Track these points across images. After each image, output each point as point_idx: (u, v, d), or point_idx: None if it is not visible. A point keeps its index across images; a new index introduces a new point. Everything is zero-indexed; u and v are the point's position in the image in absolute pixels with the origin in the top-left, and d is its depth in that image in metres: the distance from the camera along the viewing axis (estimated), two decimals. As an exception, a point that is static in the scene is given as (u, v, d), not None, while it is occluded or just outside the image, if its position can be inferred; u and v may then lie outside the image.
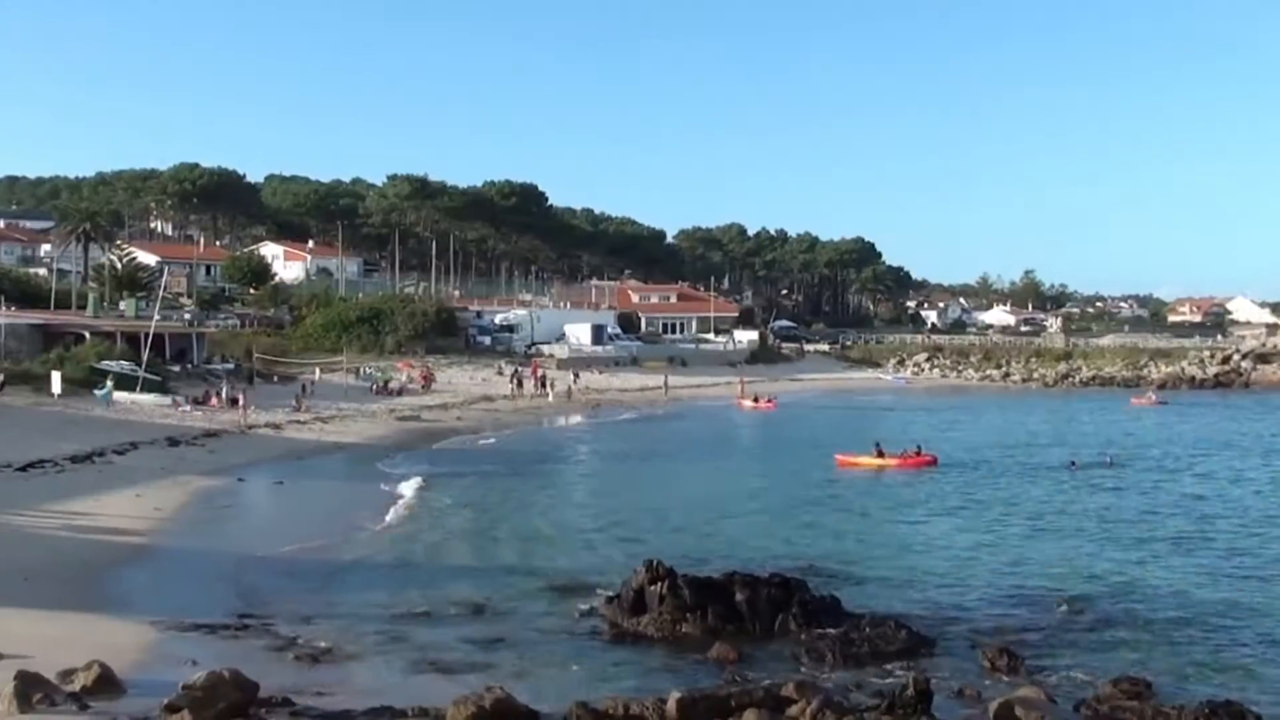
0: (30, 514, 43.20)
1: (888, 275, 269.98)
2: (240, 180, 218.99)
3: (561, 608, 32.72)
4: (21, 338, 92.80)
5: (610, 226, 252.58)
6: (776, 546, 43.19)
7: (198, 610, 30.63)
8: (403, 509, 50.85)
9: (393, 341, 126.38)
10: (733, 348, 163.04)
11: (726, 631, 29.27)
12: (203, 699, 20.56)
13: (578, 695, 22.93)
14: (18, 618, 28.01)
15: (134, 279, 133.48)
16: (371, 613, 31.79)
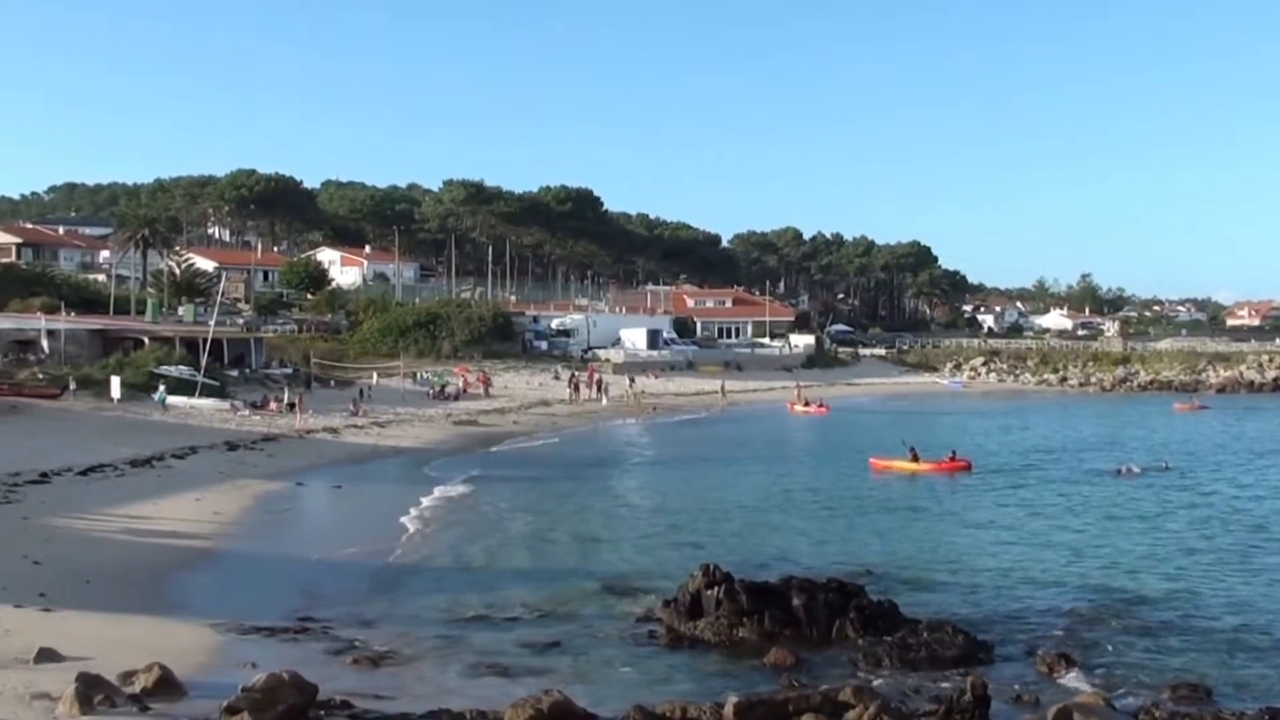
0: (91, 517, 43.51)
1: (944, 279, 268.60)
2: (297, 186, 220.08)
3: (618, 611, 32.73)
4: (81, 343, 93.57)
5: (665, 231, 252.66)
6: (831, 550, 43.11)
7: (257, 613, 30.79)
8: (460, 512, 50.95)
9: (449, 346, 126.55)
10: (788, 352, 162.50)
11: (783, 636, 29.13)
12: (262, 701, 20.61)
13: (634, 698, 22.90)
14: (79, 620, 28.21)
15: (192, 284, 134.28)
16: (430, 616, 31.90)
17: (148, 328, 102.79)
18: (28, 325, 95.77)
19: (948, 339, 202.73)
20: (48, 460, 54.60)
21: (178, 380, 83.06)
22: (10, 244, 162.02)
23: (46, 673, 23.05)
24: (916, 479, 63.99)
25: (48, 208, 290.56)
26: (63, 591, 30.93)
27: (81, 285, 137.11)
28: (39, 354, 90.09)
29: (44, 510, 43.72)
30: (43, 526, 40.68)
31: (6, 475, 49.80)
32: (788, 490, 60.28)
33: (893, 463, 67.48)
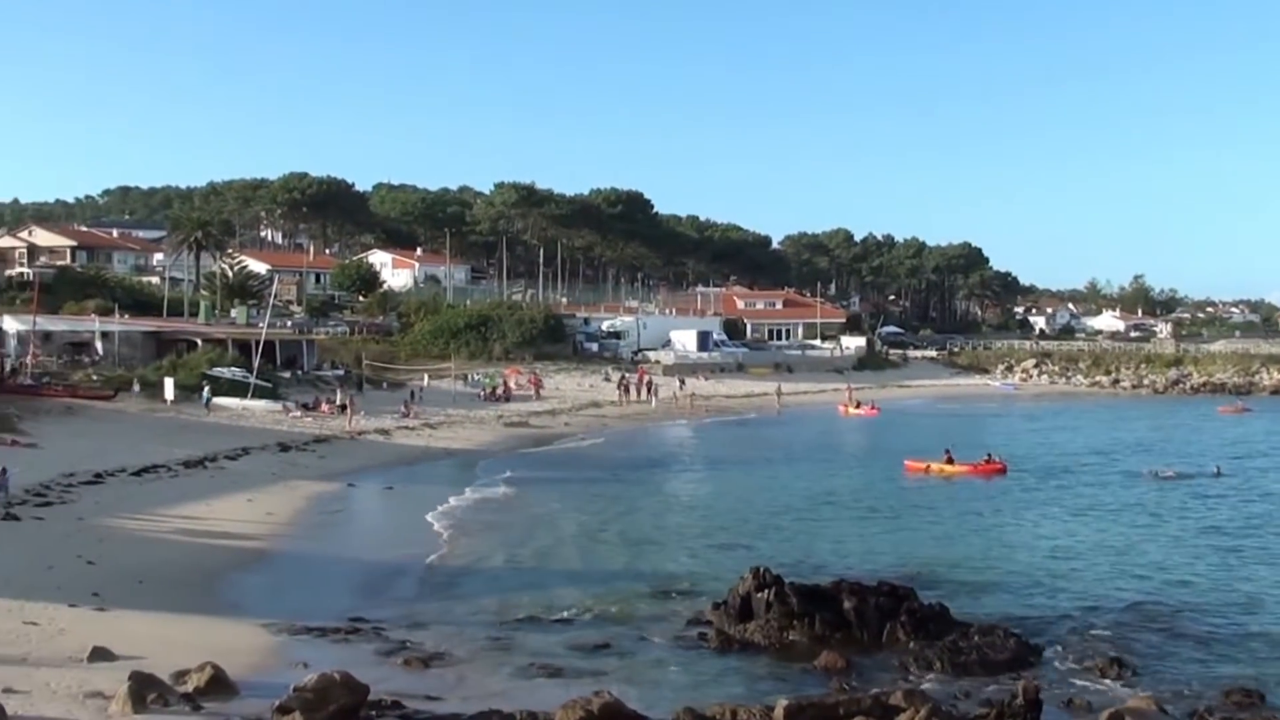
0: (144, 518, 43.80)
1: (995, 281, 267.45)
2: (349, 189, 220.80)
3: (668, 613, 32.69)
4: (135, 345, 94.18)
5: (716, 233, 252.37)
6: (880, 553, 42.97)
7: (309, 613, 30.92)
8: (511, 514, 51.06)
9: (500, 348, 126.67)
10: (839, 354, 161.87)
11: (834, 639, 29.03)
12: (314, 701, 20.70)
13: (684, 701, 22.92)
14: (132, 619, 28.39)
15: (245, 287, 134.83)
16: (481, 617, 31.97)
17: (201, 329, 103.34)
18: (82, 327, 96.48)
19: (999, 341, 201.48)
20: (102, 461, 55.00)
21: (230, 382, 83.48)
22: (65, 247, 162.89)
23: (100, 671, 23.22)
24: (955, 481, 63.78)
25: (102, 211, 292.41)
26: (116, 591, 31.15)
27: (135, 287, 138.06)
28: (93, 356, 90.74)
29: (98, 511, 44.03)
30: (97, 527, 40.97)
31: (61, 476, 50.18)
32: (837, 492, 60.18)
33: (927, 465, 67.34)
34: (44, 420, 65.67)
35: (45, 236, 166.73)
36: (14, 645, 25.17)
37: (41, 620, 27.36)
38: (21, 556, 34.82)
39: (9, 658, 24.05)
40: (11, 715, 19.77)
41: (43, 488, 47.20)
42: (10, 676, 22.31)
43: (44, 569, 33.36)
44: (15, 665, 23.45)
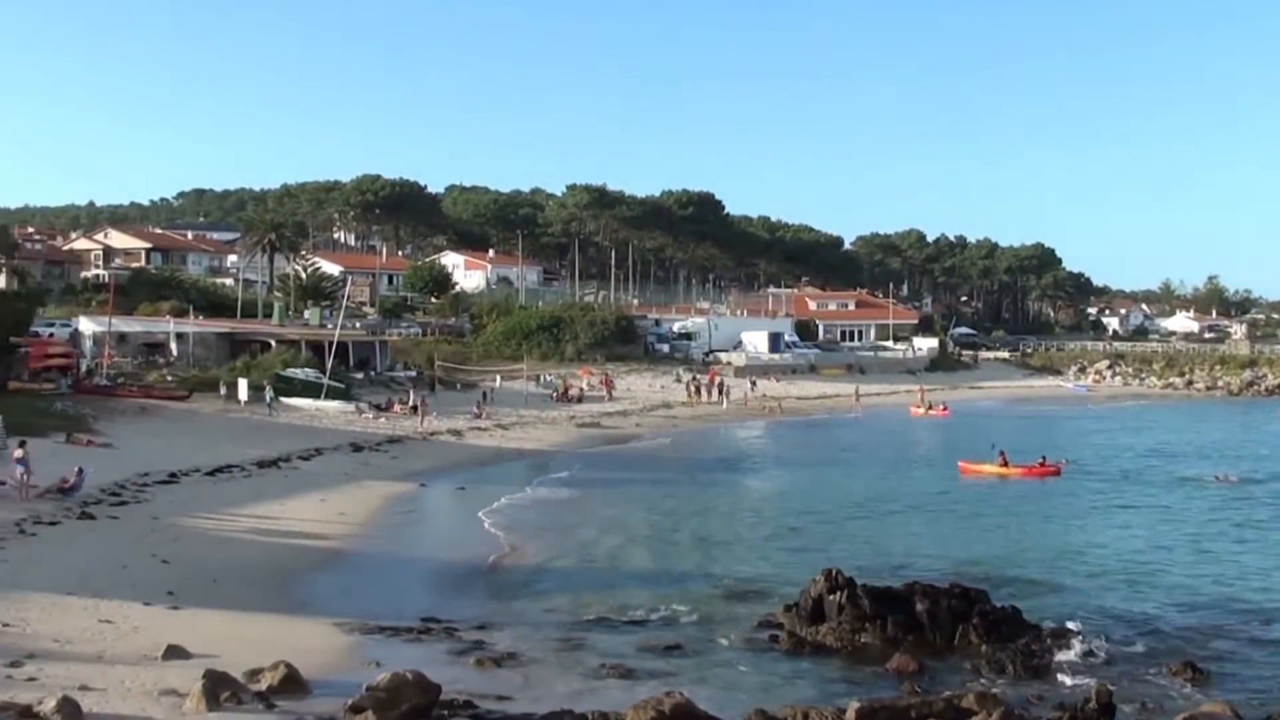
0: (218, 517, 44.09)
1: (1068, 281, 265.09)
2: (421, 191, 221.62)
3: (739, 615, 32.58)
4: (209, 346, 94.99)
5: (787, 234, 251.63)
6: (951, 554, 42.68)
7: (382, 613, 31.03)
8: (583, 514, 51.10)
9: (573, 349, 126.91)
10: (911, 355, 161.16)
11: (906, 642, 28.91)
12: (386, 700, 20.73)
13: (756, 703, 22.84)
14: (206, 618, 28.58)
15: (318, 288, 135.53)
16: (552, 617, 32.00)
17: (274, 331, 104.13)
18: (157, 328, 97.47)
19: (1072, 342, 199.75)
20: (176, 461, 55.44)
21: (304, 383, 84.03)
22: (140, 249, 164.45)
23: (174, 669, 23.38)
24: (1023, 483, 63.38)
25: (177, 213, 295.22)
26: (190, 590, 31.37)
27: (209, 289, 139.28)
28: (168, 357, 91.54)
29: (172, 510, 44.34)
30: (171, 526, 41.25)
31: (136, 475, 50.58)
32: (908, 493, 59.95)
33: (982, 467, 66.97)
34: (119, 420, 66.26)
35: (121, 239, 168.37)
36: (89, 643, 25.41)
37: (116, 618, 27.60)
38: (97, 555, 35.14)
39: (84, 655, 24.28)
40: (87, 712, 19.90)
41: (118, 487, 47.61)
42: (86, 674, 22.52)
43: (119, 568, 33.66)
44: (91, 663, 23.66)
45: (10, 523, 38.54)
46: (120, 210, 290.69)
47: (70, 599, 29.24)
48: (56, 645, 24.98)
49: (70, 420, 63.26)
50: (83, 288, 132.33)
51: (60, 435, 57.94)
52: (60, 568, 32.79)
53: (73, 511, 41.77)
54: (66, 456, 51.03)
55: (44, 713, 19.42)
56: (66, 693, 20.34)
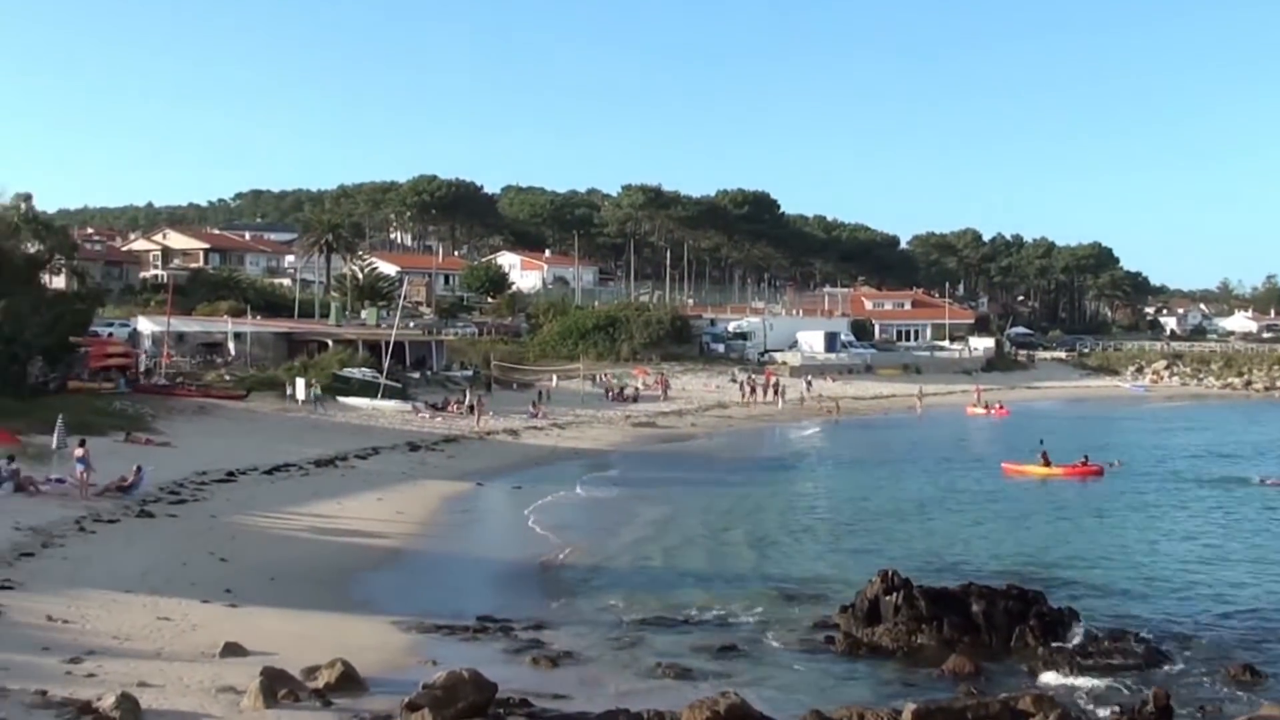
0: (276, 516, 44.38)
1: (1125, 281, 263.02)
2: (478, 191, 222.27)
3: (795, 616, 32.47)
4: (267, 345, 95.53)
5: (843, 233, 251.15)
6: (1007, 555, 42.57)
7: (438, 612, 31.13)
8: (637, 514, 51.04)
9: (628, 349, 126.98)
10: (968, 355, 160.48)
11: (962, 643, 28.74)
12: (443, 698, 20.76)
13: (811, 704, 22.82)
14: (264, 616, 28.75)
15: (374, 288, 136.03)
16: (608, 617, 31.99)
17: (331, 330, 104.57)
18: (215, 328, 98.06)
19: (1129, 342, 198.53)
20: (234, 459, 55.76)
21: (360, 382, 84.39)
22: (198, 249, 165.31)
23: (232, 667, 23.51)
24: (1079, 483, 63.07)
25: (234, 214, 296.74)
26: (248, 588, 31.59)
27: (267, 289, 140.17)
28: (226, 356, 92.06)
29: (230, 508, 44.67)
30: (229, 524, 41.55)
31: (194, 474, 50.95)
32: (962, 493, 59.76)
33: (1024, 467, 66.84)
34: (177, 420, 66.70)
35: (179, 239, 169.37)
36: (148, 640, 25.60)
37: (175, 616, 27.80)
38: (156, 553, 35.43)
39: (143, 652, 24.46)
40: (146, 709, 20.04)
41: (176, 486, 48.02)
42: (145, 671, 22.68)
43: (178, 565, 33.92)
44: (149, 660, 23.84)
45: (70, 520, 38.92)
46: (178, 211, 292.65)
47: (129, 596, 29.51)
48: (116, 642, 25.18)
49: (129, 419, 63.74)
50: (141, 288, 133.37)
51: (119, 434, 58.41)
52: (119, 565, 33.10)
53: (132, 510, 42.15)
54: (125, 455, 51.49)
55: (103, 709, 19.56)
56: (125, 689, 20.53)
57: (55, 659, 23.29)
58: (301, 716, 20.88)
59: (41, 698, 20.39)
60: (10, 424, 51.26)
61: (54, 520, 38.63)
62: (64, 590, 29.36)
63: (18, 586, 29.29)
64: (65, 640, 24.92)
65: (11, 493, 41.73)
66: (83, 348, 77.22)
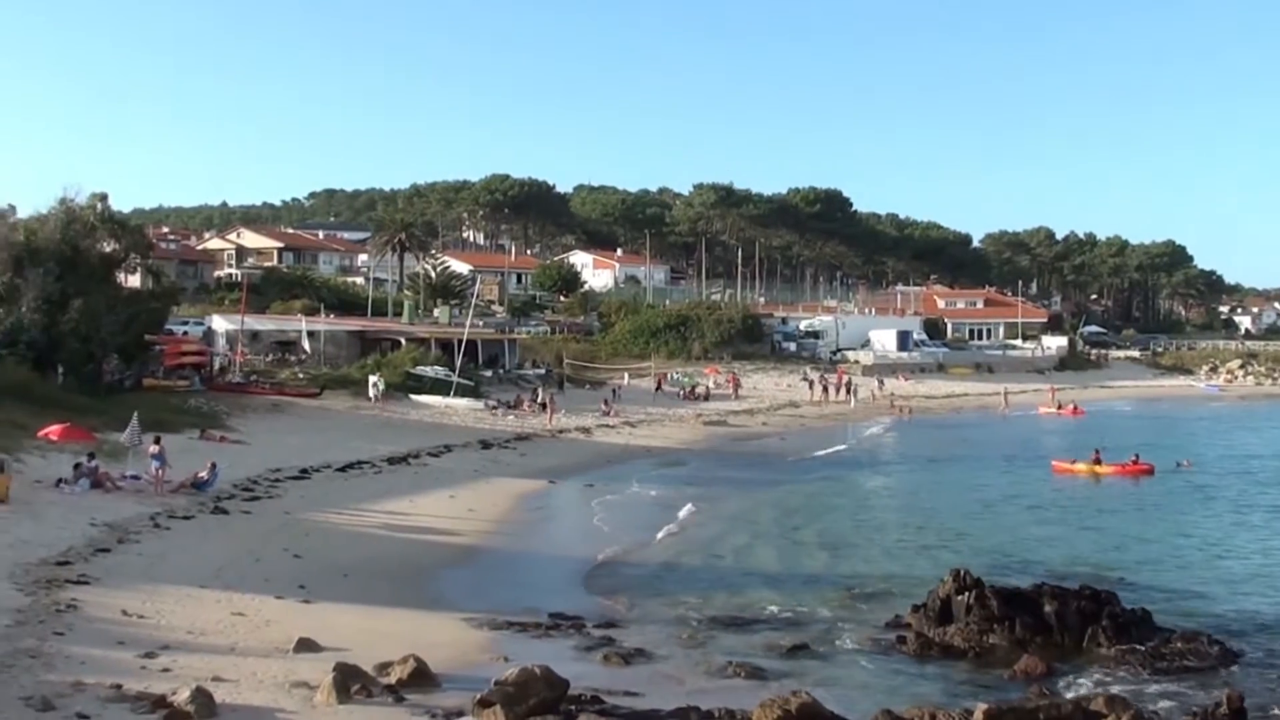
0: (349, 513, 44.55)
1: (1199, 279, 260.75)
2: (550, 190, 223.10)
3: (866, 615, 32.34)
4: (340, 344, 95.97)
5: (915, 231, 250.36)
6: (1079, 554, 42.29)
7: (510, 608, 31.20)
8: (710, 512, 50.98)
9: (699, 348, 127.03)
10: (1040, 354, 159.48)
11: (1034, 643, 28.57)
12: (514, 694, 20.77)
13: (882, 703, 22.71)
14: (337, 612, 28.89)
15: (447, 287, 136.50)
16: (680, 615, 31.93)
17: (404, 329, 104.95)
18: (289, 327, 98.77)
19: (1203, 341, 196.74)
20: (307, 457, 56.09)
21: (434, 380, 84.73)
22: (272, 248, 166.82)
23: (305, 662, 23.64)
24: (1147, 482, 62.70)
25: (308, 213, 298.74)
26: (321, 584, 31.76)
27: (340, 288, 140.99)
28: (299, 354, 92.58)
29: (304, 505, 44.93)
30: (303, 521, 41.77)
31: (268, 471, 51.27)
32: (1034, 493, 59.44)
33: (1074, 465, 66.73)
34: (251, 417, 67.14)
35: (253, 238, 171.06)
36: (222, 635, 25.77)
37: (249, 611, 27.98)
38: (230, 549, 35.66)
39: (217, 647, 24.61)
40: (220, 703, 20.17)
41: (250, 483, 48.37)
42: (219, 665, 22.84)
43: (252, 562, 34.15)
44: (223, 654, 23.99)
45: (145, 517, 39.23)
46: (253, 210, 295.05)
47: (204, 591, 29.73)
48: (190, 637, 25.36)
49: (203, 417, 64.19)
50: (216, 287, 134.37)
51: (194, 431, 58.79)
52: (194, 561, 33.34)
53: (206, 506, 42.45)
54: (200, 452, 51.86)
55: (178, 703, 19.70)
56: (200, 683, 20.66)
57: (130, 653, 23.48)
58: (374, 712, 20.98)
59: (117, 691, 20.57)
60: (87, 421, 51.67)
61: (129, 517, 38.98)
62: (139, 585, 29.60)
63: (94, 582, 29.52)
64: (140, 635, 25.12)
65: (88, 489, 42.09)
66: (158, 346, 77.95)
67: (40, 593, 27.74)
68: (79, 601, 27.32)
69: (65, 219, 68.40)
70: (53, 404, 55.65)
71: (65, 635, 24.28)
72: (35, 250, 65.60)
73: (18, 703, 19.47)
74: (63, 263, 65.85)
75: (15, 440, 46.96)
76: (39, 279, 64.20)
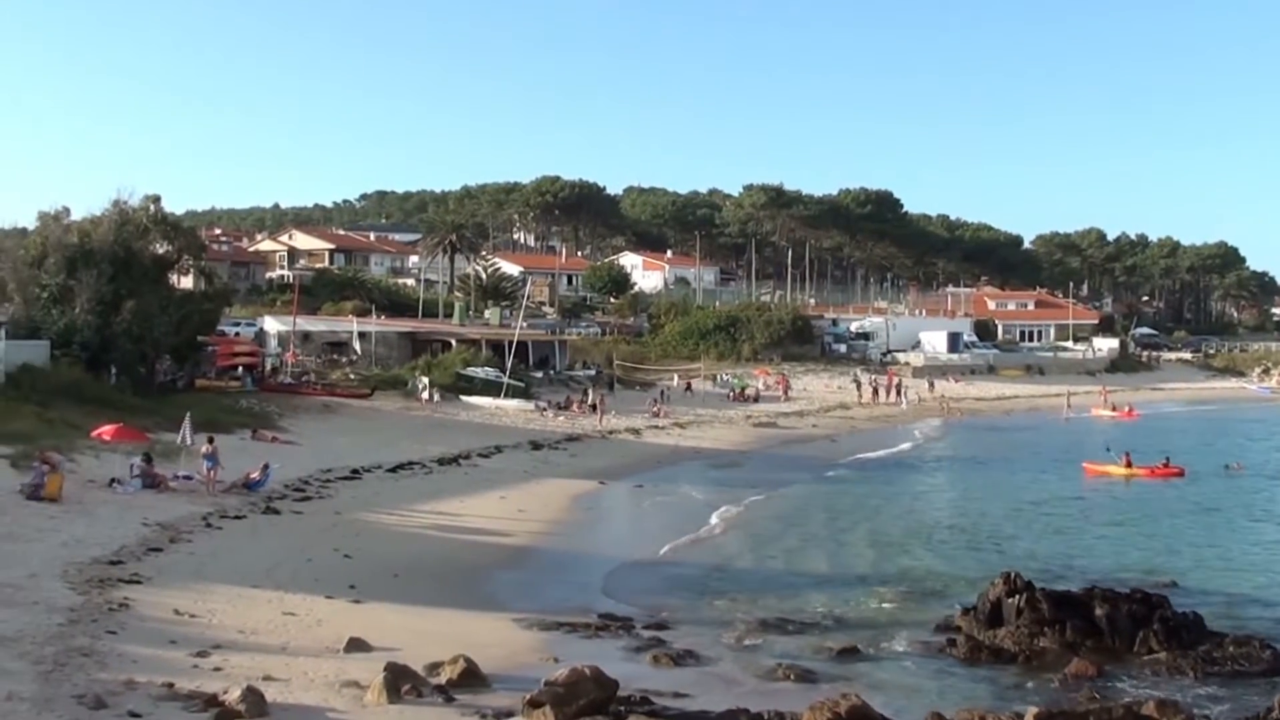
0: (400, 513, 44.72)
1: (1251, 280, 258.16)
2: (600, 192, 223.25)
3: (916, 618, 32.27)
4: (391, 345, 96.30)
5: (966, 232, 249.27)
6: (1129, 557, 42.15)
7: (560, 609, 31.30)
8: (759, 513, 50.97)
9: (749, 349, 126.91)
10: (1091, 356, 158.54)
11: (1085, 647, 28.44)
12: (564, 695, 20.78)
13: (932, 706, 22.68)
14: (388, 612, 28.99)
15: (498, 288, 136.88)
16: (729, 616, 31.91)
17: (455, 330, 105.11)
18: (340, 328, 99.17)
19: (1255, 342, 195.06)
20: (358, 457, 56.29)
21: (484, 381, 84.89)
22: (324, 250, 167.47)
23: (356, 662, 23.73)
24: (1185, 485, 62.25)
25: (359, 215, 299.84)
26: (372, 584, 31.86)
27: (391, 289, 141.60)
28: (350, 355, 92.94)
29: (355, 506, 45.12)
30: (353, 522, 41.93)
31: (319, 471, 51.50)
32: (1085, 495, 59.30)
33: (1106, 467, 66.55)
34: (302, 418, 67.42)
35: (305, 240, 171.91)
36: (273, 634, 25.90)
37: (300, 611, 28.11)
38: (281, 549, 35.84)
39: (269, 646, 24.74)
40: (271, 702, 20.25)
41: (301, 483, 48.62)
42: (270, 665, 22.96)
43: (303, 562, 34.29)
44: (274, 654, 24.11)
45: (197, 516, 39.50)
46: (304, 212, 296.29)
47: (255, 591, 29.89)
48: (241, 636, 25.50)
49: (255, 417, 64.49)
50: (268, 288, 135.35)
51: (245, 432, 59.11)
52: (245, 560, 33.55)
53: (258, 506, 42.71)
54: (252, 453, 52.18)
55: (229, 702, 19.79)
56: (251, 682, 20.76)
57: (182, 652, 23.63)
58: (424, 712, 21.03)
59: (169, 690, 20.69)
60: (139, 422, 52.05)
61: (181, 516, 39.24)
62: (191, 585, 29.81)
63: (146, 581, 29.75)
64: (192, 634, 25.29)
65: (140, 489, 42.39)
66: (210, 346, 78.37)
67: (93, 591, 27.95)
68: (131, 600, 27.53)
69: (119, 220, 68.88)
70: (106, 404, 56.17)
71: (118, 634, 24.48)
72: (89, 252, 66.05)
73: (70, 700, 19.61)
74: (116, 264, 66.28)
75: (69, 440, 47.42)
76: (93, 280, 64.62)
